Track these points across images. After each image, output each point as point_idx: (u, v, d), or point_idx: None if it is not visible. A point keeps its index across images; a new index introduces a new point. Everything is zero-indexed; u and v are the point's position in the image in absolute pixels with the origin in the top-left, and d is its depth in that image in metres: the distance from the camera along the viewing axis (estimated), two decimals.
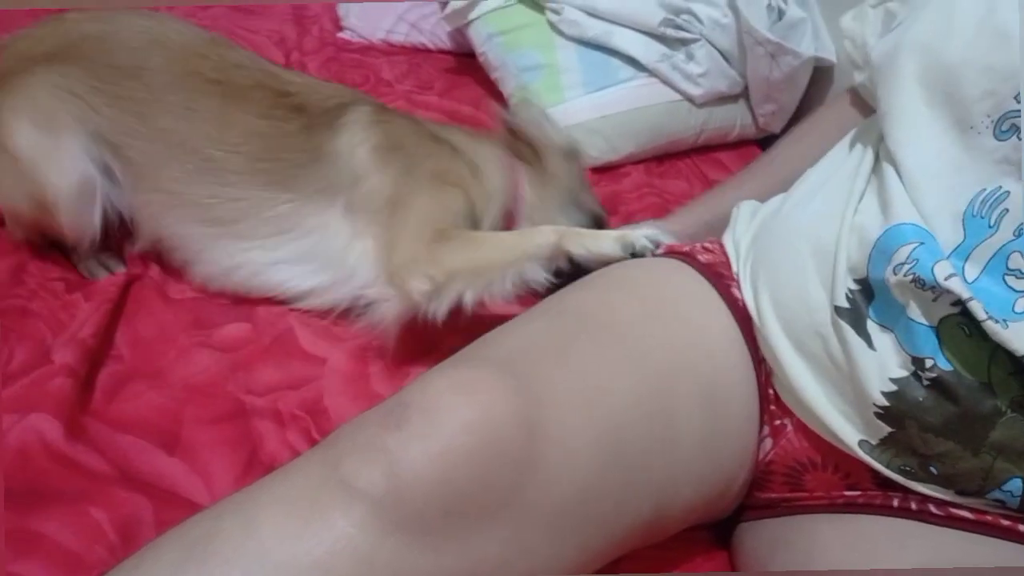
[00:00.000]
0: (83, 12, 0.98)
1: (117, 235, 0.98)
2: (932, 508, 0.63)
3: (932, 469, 0.61)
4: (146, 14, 1.01)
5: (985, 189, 0.60)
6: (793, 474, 0.70)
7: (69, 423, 0.75)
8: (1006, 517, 0.61)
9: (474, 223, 0.94)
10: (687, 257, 0.77)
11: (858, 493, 0.67)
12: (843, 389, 0.64)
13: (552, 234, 0.86)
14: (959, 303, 0.57)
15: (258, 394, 0.85)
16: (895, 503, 0.65)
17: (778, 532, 0.69)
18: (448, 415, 0.54)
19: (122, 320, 0.91)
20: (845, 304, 0.64)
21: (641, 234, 0.84)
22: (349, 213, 0.93)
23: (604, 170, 1.34)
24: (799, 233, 0.70)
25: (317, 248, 0.93)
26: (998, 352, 0.57)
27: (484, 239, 0.91)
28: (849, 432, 0.64)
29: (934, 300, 0.59)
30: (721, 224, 0.84)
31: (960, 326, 0.58)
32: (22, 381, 0.79)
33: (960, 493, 0.62)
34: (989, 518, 0.62)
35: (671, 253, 0.80)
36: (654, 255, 0.82)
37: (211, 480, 0.75)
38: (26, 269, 0.95)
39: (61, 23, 0.97)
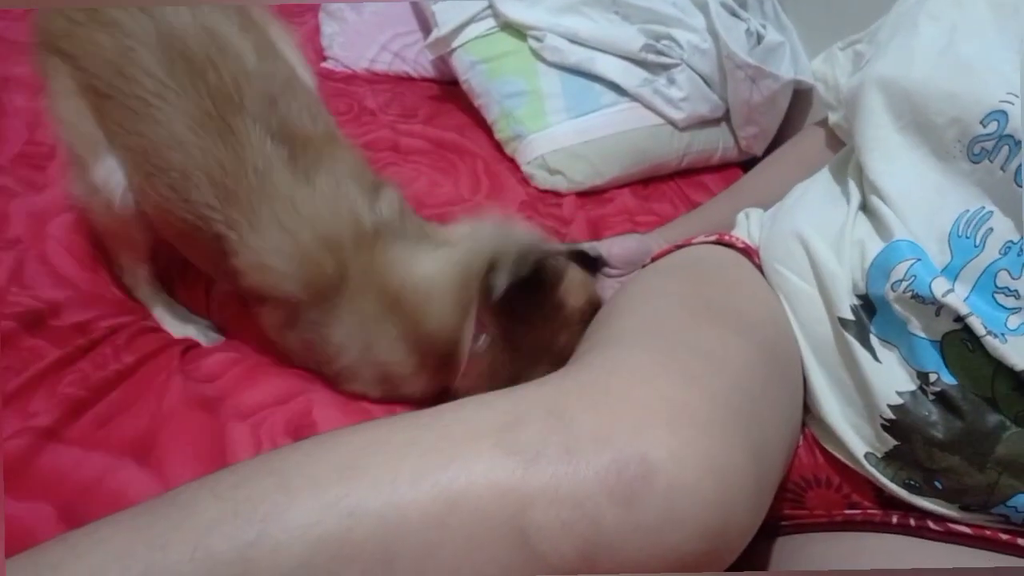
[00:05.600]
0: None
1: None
2: (931, 524, 0.63)
3: (937, 484, 0.61)
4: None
5: (968, 210, 0.60)
6: (797, 490, 0.70)
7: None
8: (1005, 531, 0.61)
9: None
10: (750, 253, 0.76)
11: (858, 512, 0.67)
12: (853, 400, 0.65)
13: None
14: (960, 319, 0.58)
15: (242, 417, 0.79)
16: (894, 520, 0.65)
17: (776, 552, 0.69)
18: (691, 515, 0.45)
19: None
20: (850, 316, 0.64)
21: None
22: None
23: (590, 194, 1.35)
24: (801, 246, 0.70)
25: None
26: (1000, 367, 0.57)
27: None
28: (857, 444, 0.64)
29: (936, 315, 0.59)
30: (717, 231, 0.84)
31: (963, 341, 0.58)
32: None
33: (964, 508, 0.62)
34: (988, 533, 0.62)
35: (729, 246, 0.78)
36: None
37: None
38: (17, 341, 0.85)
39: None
